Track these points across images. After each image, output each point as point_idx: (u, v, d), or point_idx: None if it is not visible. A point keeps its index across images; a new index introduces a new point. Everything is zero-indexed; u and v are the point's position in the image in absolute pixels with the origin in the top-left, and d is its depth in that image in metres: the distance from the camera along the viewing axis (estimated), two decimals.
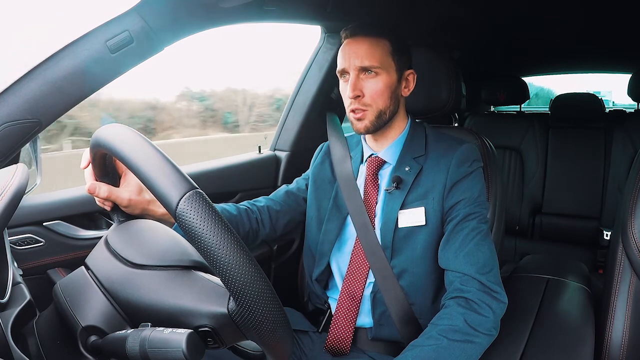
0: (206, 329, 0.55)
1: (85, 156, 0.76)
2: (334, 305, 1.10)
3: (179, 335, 0.50)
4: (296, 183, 1.24)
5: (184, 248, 0.63)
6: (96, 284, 0.60)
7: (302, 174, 1.26)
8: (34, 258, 1.07)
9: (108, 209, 0.79)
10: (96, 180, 0.75)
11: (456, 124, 2.78)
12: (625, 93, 2.53)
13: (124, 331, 0.54)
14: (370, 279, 1.05)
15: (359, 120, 1.02)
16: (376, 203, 1.07)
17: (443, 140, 1.07)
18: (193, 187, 0.50)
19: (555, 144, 2.51)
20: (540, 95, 5.51)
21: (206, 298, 0.56)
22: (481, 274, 0.91)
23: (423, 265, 1.00)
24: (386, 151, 1.08)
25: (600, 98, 2.59)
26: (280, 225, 1.17)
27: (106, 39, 0.85)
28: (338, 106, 1.64)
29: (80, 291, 0.60)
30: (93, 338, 0.58)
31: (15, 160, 0.84)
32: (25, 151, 0.88)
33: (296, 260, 1.38)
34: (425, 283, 1.01)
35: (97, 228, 1.20)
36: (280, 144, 1.67)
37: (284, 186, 1.23)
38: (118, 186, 0.79)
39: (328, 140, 1.24)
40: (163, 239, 0.65)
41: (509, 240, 2.58)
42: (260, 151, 1.65)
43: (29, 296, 0.64)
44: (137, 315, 0.58)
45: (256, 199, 1.18)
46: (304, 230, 1.19)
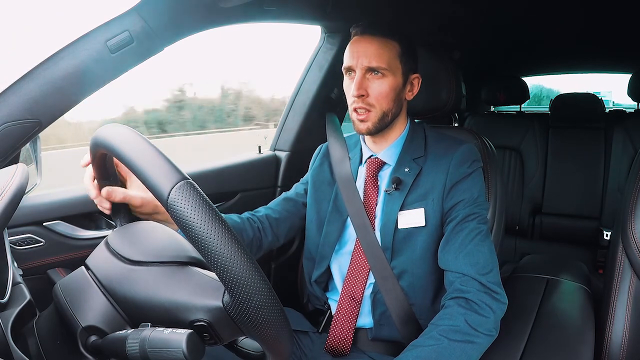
0: (202, 324, 0.55)
1: (86, 157, 0.76)
2: (333, 306, 1.09)
3: (179, 336, 0.50)
4: (295, 189, 1.23)
5: (181, 245, 0.63)
6: (96, 284, 0.60)
7: (301, 179, 1.26)
8: (34, 258, 1.07)
9: (107, 212, 0.79)
10: (95, 183, 0.75)
11: (456, 124, 2.78)
12: (624, 93, 2.53)
13: (124, 331, 0.54)
14: (371, 279, 1.05)
15: (362, 122, 1.01)
16: (376, 204, 1.07)
17: (442, 141, 1.07)
18: (184, 178, 0.50)
19: (555, 144, 2.51)
20: (536, 95, 5.54)
21: (201, 292, 0.56)
22: (481, 275, 0.91)
23: (423, 265, 1.00)
24: (386, 152, 1.08)
25: (600, 98, 2.59)
26: (282, 233, 1.17)
27: (106, 39, 0.85)
28: (338, 106, 1.64)
29: (80, 291, 0.60)
30: (93, 338, 0.58)
31: (15, 160, 0.84)
32: (25, 151, 0.88)
33: (296, 261, 1.38)
34: (425, 283, 1.01)
35: (97, 228, 1.20)
36: (280, 144, 1.67)
37: (283, 194, 1.24)
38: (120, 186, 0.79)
39: (327, 140, 1.24)
40: (161, 237, 0.65)
41: (509, 240, 2.58)
42: (260, 151, 1.65)
43: (29, 296, 0.64)
44: (134, 311, 0.58)
45: (255, 210, 1.18)
46: (304, 232, 1.19)
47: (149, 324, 0.55)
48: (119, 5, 0.87)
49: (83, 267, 0.63)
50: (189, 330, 0.51)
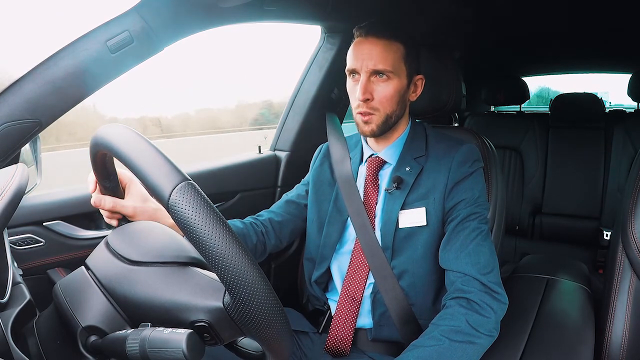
0: (202, 324, 0.55)
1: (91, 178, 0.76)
2: (333, 306, 1.09)
3: (179, 336, 0.50)
4: (296, 190, 1.23)
5: (182, 245, 0.63)
6: (96, 284, 0.60)
7: (301, 179, 1.26)
8: (34, 258, 1.07)
9: (115, 224, 0.79)
10: (98, 183, 0.76)
11: (456, 124, 2.78)
12: (622, 93, 2.54)
13: (124, 331, 0.54)
14: (370, 279, 1.05)
15: (366, 124, 1.01)
16: (376, 203, 1.07)
17: (443, 141, 1.07)
18: (185, 179, 0.50)
19: (555, 144, 2.51)
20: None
21: (202, 292, 0.56)
22: (482, 275, 0.91)
23: (424, 265, 1.00)
24: (386, 151, 1.08)
25: (600, 98, 2.59)
26: (285, 235, 1.18)
27: (106, 39, 0.85)
28: (338, 106, 1.64)
29: (80, 291, 0.60)
30: (93, 338, 0.58)
31: (15, 160, 0.84)
32: (25, 151, 0.88)
33: (296, 261, 1.38)
34: (426, 283, 1.00)
35: (97, 228, 1.20)
36: (280, 144, 1.67)
37: (284, 195, 1.24)
38: (121, 190, 0.79)
39: (328, 140, 1.24)
40: (161, 237, 0.65)
41: (509, 240, 2.58)
42: (260, 151, 1.65)
43: (29, 296, 0.64)
44: (135, 312, 0.58)
45: (258, 214, 1.19)
46: (305, 233, 1.19)
47: (149, 323, 0.55)
48: (119, 5, 0.87)
49: (83, 267, 0.63)
50: (189, 330, 0.51)
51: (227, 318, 0.53)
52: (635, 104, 2.67)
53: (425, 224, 0.99)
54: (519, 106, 2.95)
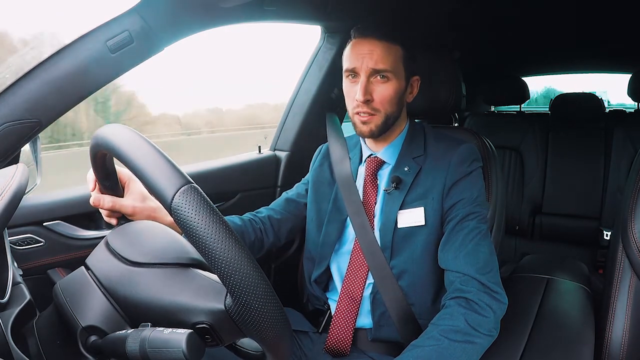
0: (204, 326, 0.55)
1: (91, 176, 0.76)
2: (333, 306, 1.09)
3: (179, 336, 0.50)
4: (296, 189, 1.24)
5: (183, 246, 0.63)
6: (96, 284, 0.60)
7: (302, 179, 1.26)
8: (34, 258, 1.07)
9: (114, 223, 0.79)
10: (97, 182, 0.76)
11: (456, 124, 2.78)
12: (620, 93, 2.54)
13: (124, 331, 0.54)
14: (370, 279, 1.05)
15: (365, 124, 1.01)
16: (375, 203, 1.07)
17: (442, 140, 1.07)
18: (188, 182, 0.50)
19: (555, 144, 2.51)
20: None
21: (204, 294, 0.56)
22: (481, 274, 0.91)
23: (423, 265, 1.00)
24: (385, 151, 1.08)
25: (600, 98, 2.59)
26: (284, 233, 1.18)
27: (106, 39, 0.85)
28: (338, 106, 1.64)
29: (80, 291, 0.60)
30: (93, 338, 0.58)
31: (15, 160, 0.84)
32: (25, 151, 0.88)
33: (296, 261, 1.38)
34: (425, 283, 1.01)
35: (97, 228, 1.20)
36: (280, 143, 1.67)
37: (284, 194, 1.24)
38: (121, 188, 0.79)
39: (327, 140, 1.24)
40: (162, 238, 0.65)
41: (509, 240, 2.58)
42: (260, 151, 1.65)
43: (29, 296, 0.64)
44: (136, 313, 0.58)
45: (257, 210, 1.19)
46: (304, 232, 1.19)
47: (149, 324, 0.55)
48: (119, 5, 0.87)
49: (83, 267, 0.63)
50: (189, 330, 0.51)
51: (229, 320, 0.53)
52: (635, 103, 2.66)
53: (424, 223, 0.99)
54: (519, 106, 2.95)
